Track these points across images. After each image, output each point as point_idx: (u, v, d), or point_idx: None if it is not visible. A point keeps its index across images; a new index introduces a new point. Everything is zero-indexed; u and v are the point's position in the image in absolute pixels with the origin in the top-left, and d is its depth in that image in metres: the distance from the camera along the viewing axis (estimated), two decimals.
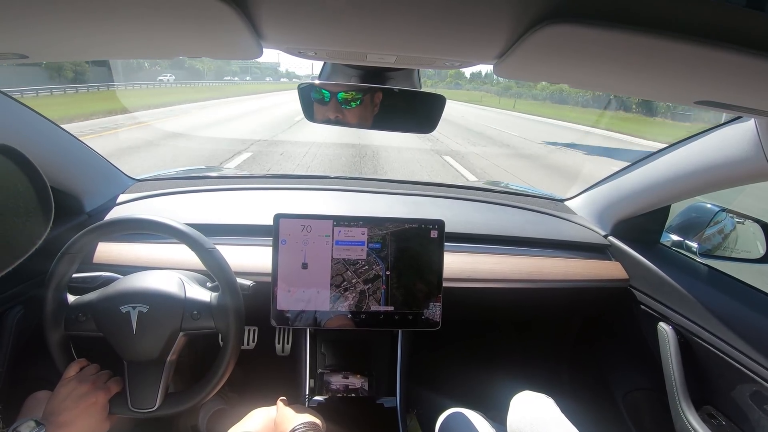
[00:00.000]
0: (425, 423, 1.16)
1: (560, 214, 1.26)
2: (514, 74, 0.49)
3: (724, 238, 0.98)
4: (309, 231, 0.87)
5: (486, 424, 0.83)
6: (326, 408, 0.93)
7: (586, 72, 0.46)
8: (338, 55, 0.54)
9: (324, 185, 1.29)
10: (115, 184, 1.16)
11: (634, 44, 0.33)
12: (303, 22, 0.38)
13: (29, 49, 0.46)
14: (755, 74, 0.37)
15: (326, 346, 1.03)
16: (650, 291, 1.03)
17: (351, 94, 0.71)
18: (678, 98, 0.56)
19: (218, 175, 1.39)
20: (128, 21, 0.37)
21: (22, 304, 0.83)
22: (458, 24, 0.35)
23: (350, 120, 0.74)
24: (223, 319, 0.72)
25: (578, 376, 1.35)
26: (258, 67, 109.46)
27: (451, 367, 1.39)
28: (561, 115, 24.73)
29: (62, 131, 0.96)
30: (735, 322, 0.83)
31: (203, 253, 0.73)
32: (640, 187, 1.04)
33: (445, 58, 0.49)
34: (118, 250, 0.95)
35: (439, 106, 0.73)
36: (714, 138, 0.82)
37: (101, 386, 0.69)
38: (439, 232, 0.90)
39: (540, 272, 1.06)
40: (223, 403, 1.15)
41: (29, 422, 0.59)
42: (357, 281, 0.89)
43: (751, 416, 0.80)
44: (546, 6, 0.31)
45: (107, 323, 0.70)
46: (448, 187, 1.39)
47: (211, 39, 0.43)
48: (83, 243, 0.72)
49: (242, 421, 0.73)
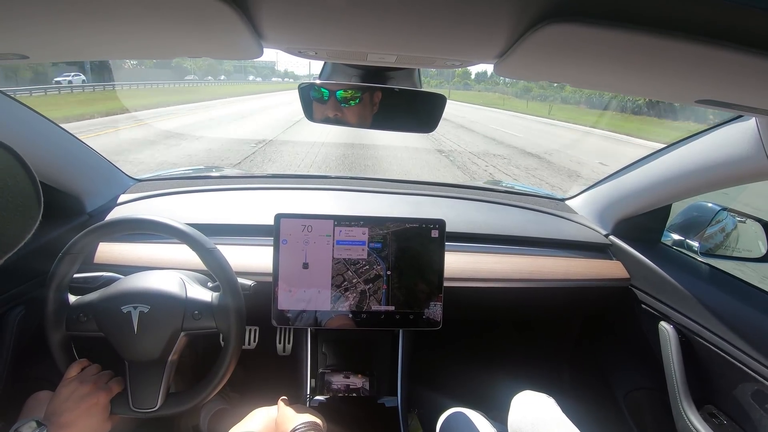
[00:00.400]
0: (426, 423, 1.16)
1: (561, 214, 1.26)
2: (515, 73, 0.49)
3: (726, 238, 0.98)
4: (310, 231, 0.87)
5: (487, 424, 0.83)
6: (327, 408, 0.93)
7: (586, 71, 0.46)
8: (339, 54, 0.54)
9: (325, 185, 1.29)
10: (116, 185, 1.16)
11: (635, 43, 0.33)
12: (303, 21, 0.38)
13: (29, 49, 0.46)
14: (756, 73, 0.36)
15: (327, 346, 1.03)
16: (651, 290, 1.03)
17: (350, 92, 0.71)
18: (679, 97, 0.56)
19: (219, 175, 1.39)
20: (128, 21, 0.37)
21: (23, 305, 0.83)
22: (459, 23, 0.35)
23: (349, 119, 0.74)
24: (225, 319, 0.72)
25: (579, 376, 1.35)
26: (252, 66, 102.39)
27: (452, 367, 1.39)
28: (615, 125, 18.30)
29: (63, 131, 0.96)
30: (736, 322, 0.83)
31: (204, 253, 0.73)
32: (641, 187, 1.03)
33: (445, 57, 0.49)
34: (119, 251, 0.95)
35: (439, 105, 0.73)
36: (715, 137, 0.81)
37: (102, 386, 0.69)
38: (440, 232, 0.90)
39: (541, 272, 1.06)
40: (225, 403, 1.15)
41: (30, 423, 0.59)
42: (358, 281, 0.89)
43: (753, 415, 0.80)
44: (546, 5, 0.30)
45: (108, 323, 0.70)
46: (449, 186, 1.39)
47: (211, 39, 0.43)
48: (84, 243, 0.72)
49: (243, 420, 0.73)
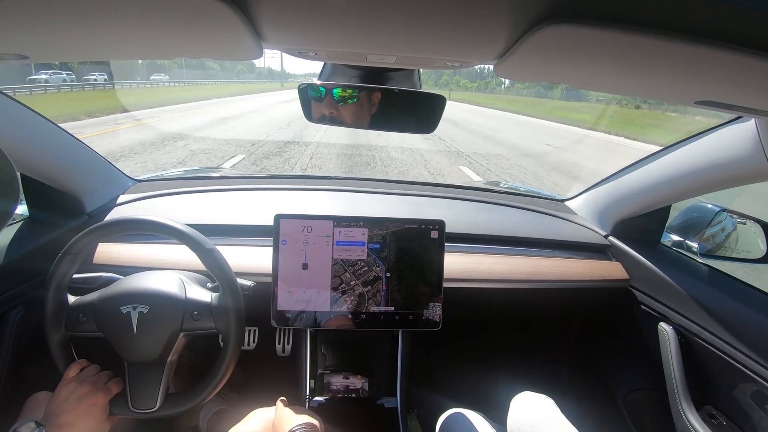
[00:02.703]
0: (426, 423, 1.15)
1: (561, 214, 1.26)
2: (515, 74, 0.49)
3: (725, 238, 0.98)
4: (309, 231, 0.87)
5: (486, 425, 0.83)
6: (327, 408, 0.93)
7: (586, 72, 0.46)
8: (338, 55, 0.54)
9: (324, 185, 1.29)
10: (116, 185, 1.16)
11: (634, 44, 0.33)
12: (303, 22, 0.38)
13: (29, 49, 0.46)
14: (755, 74, 0.37)
15: (326, 347, 1.03)
16: (651, 291, 1.03)
17: (347, 91, 0.71)
18: (678, 98, 0.56)
19: (218, 175, 1.39)
20: (128, 21, 0.37)
21: (22, 305, 0.83)
22: (459, 24, 0.35)
23: (346, 118, 0.74)
24: (224, 319, 0.72)
25: (578, 377, 1.35)
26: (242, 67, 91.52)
27: (451, 368, 1.39)
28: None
29: (62, 131, 0.96)
30: (735, 322, 0.83)
31: (203, 254, 0.73)
32: (641, 187, 1.04)
33: (445, 58, 0.49)
34: (119, 251, 0.95)
35: (439, 106, 0.73)
36: (714, 138, 0.82)
37: (102, 387, 0.69)
38: (439, 233, 0.90)
39: (540, 272, 1.06)
40: (224, 404, 1.14)
41: (30, 423, 0.59)
42: (356, 283, 0.88)
43: (752, 416, 0.80)
44: (546, 6, 0.31)
45: (108, 324, 0.70)
46: (449, 187, 1.39)
47: (211, 39, 0.43)
48: (84, 243, 0.72)
49: (242, 421, 0.73)
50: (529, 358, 1.42)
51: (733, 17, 0.28)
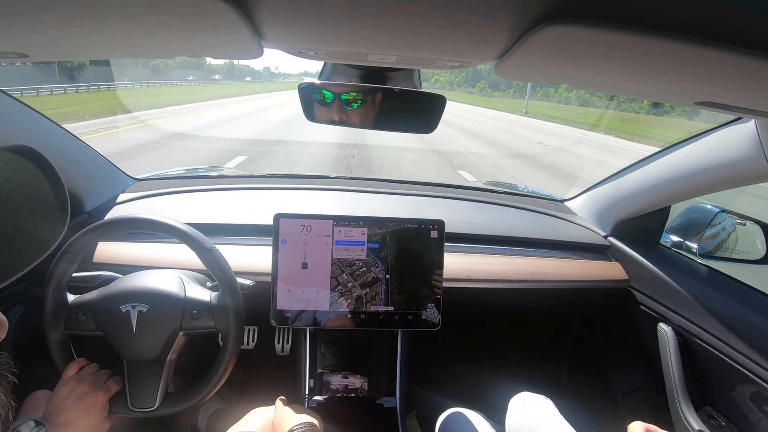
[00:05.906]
0: (425, 423, 1.15)
1: (560, 215, 1.26)
2: (515, 74, 0.49)
3: (724, 239, 0.98)
4: (309, 231, 0.87)
5: (486, 424, 0.83)
6: (326, 408, 0.93)
7: (586, 72, 0.46)
8: (339, 55, 0.54)
9: (324, 185, 1.29)
10: (115, 184, 1.16)
11: (634, 45, 0.33)
12: (303, 21, 0.38)
13: (30, 48, 0.46)
14: (755, 75, 0.37)
15: (326, 346, 1.03)
16: (650, 292, 1.03)
17: (353, 95, 0.72)
18: (678, 99, 0.56)
19: (218, 174, 1.39)
20: (128, 20, 0.37)
21: (22, 303, 0.83)
22: (459, 24, 0.35)
23: (353, 120, 0.75)
24: (223, 318, 0.72)
25: (578, 377, 1.35)
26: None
27: (450, 367, 1.39)
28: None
29: (62, 130, 0.96)
30: (735, 323, 0.83)
31: (203, 253, 0.73)
32: (641, 188, 1.04)
33: (445, 58, 0.49)
34: (118, 250, 0.95)
35: (439, 106, 0.73)
36: (714, 139, 0.82)
37: (101, 386, 0.69)
38: (439, 233, 0.90)
39: (540, 272, 1.06)
40: (223, 403, 1.14)
41: (29, 422, 0.59)
42: (354, 285, 0.89)
43: (751, 417, 0.80)
44: (547, 6, 0.31)
45: (107, 322, 0.70)
46: (448, 187, 1.39)
47: (212, 39, 0.43)
48: (83, 242, 0.72)
49: (241, 420, 0.73)
50: (528, 357, 1.42)
51: (733, 17, 0.28)
